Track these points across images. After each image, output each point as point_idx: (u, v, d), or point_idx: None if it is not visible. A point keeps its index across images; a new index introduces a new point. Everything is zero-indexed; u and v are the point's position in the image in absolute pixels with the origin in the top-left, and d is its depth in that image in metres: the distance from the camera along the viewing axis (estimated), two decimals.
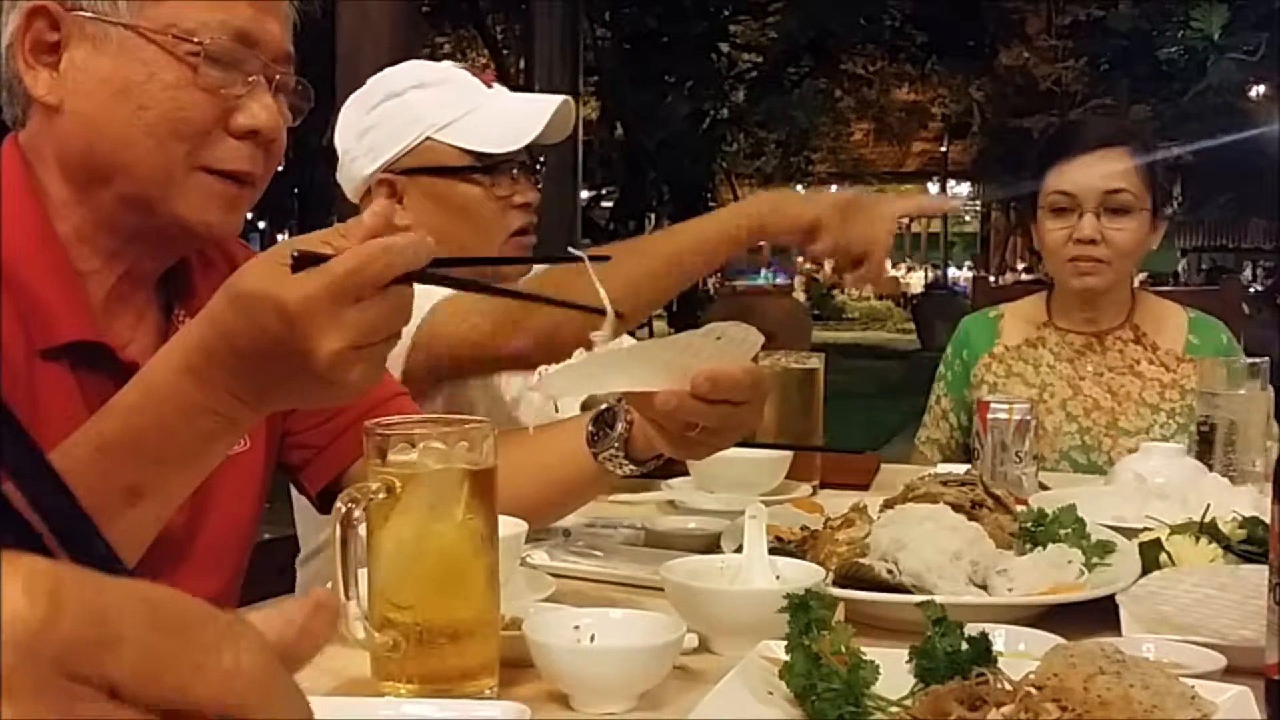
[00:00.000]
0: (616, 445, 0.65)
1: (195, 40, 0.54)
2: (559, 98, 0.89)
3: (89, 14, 0.54)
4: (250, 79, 0.56)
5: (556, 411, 0.83)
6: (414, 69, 0.92)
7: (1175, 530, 0.67)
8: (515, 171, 0.88)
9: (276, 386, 0.46)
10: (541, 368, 0.68)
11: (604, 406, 0.66)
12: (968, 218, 17.37)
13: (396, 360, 0.77)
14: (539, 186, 0.91)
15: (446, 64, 0.94)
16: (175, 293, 0.61)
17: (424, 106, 0.88)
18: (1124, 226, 1.10)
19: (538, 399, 0.75)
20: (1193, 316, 1.15)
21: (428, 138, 0.87)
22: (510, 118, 0.88)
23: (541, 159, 0.92)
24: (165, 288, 0.61)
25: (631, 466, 0.65)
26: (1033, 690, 0.42)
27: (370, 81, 0.92)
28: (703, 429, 0.59)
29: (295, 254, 0.43)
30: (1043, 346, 1.16)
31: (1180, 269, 10.84)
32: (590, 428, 0.66)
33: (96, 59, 0.55)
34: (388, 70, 0.92)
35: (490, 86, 0.91)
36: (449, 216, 0.88)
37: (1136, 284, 1.21)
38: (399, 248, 0.44)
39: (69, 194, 0.57)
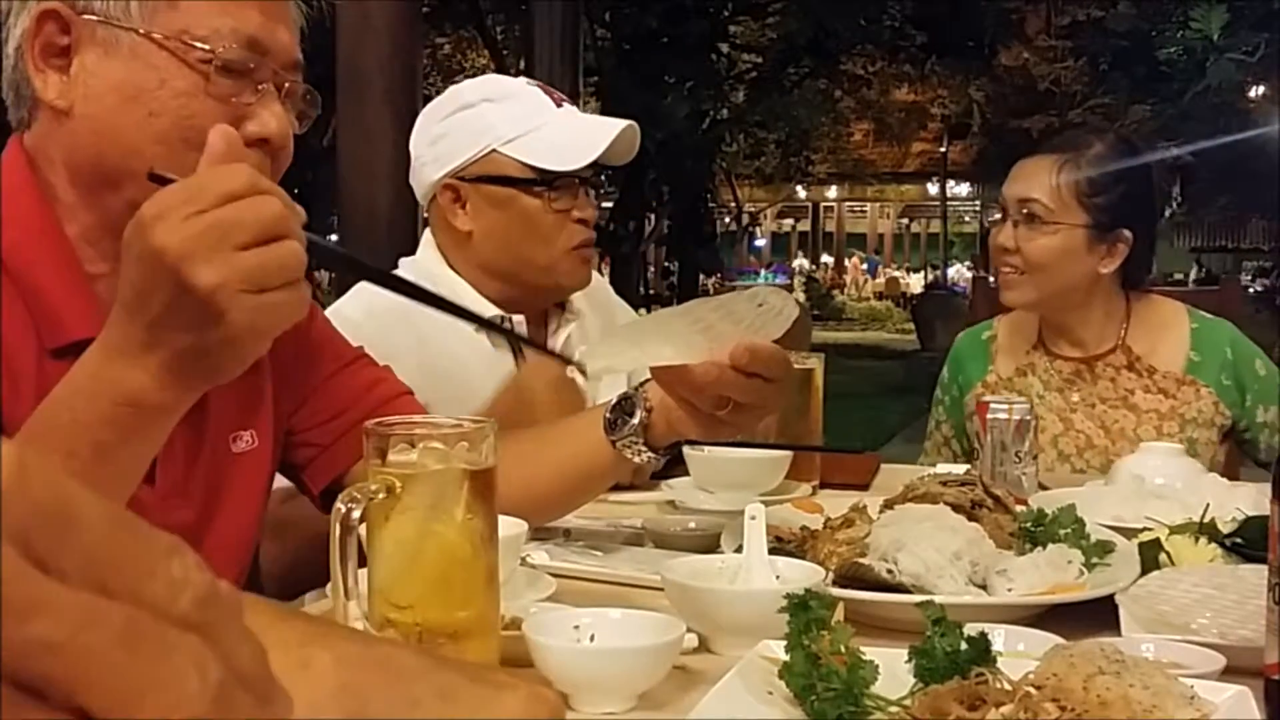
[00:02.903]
0: (636, 432, 0.65)
1: (207, 48, 0.55)
2: (624, 122, 0.91)
3: (100, 19, 0.54)
4: (260, 87, 0.56)
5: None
6: (488, 82, 0.96)
7: (1174, 530, 0.67)
8: (577, 186, 0.90)
9: (166, 334, 0.45)
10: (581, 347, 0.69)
11: (623, 394, 0.67)
12: (967, 217, 17.38)
13: None
14: (598, 202, 0.93)
15: (522, 80, 0.97)
16: None
17: (493, 119, 0.91)
18: (1035, 239, 1.00)
19: (581, 378, 0.76)
20: (1195, 327, 1.05)
21: (494, 149, 0.90)
22: (575, 137, 0.90)
23: (605, 175, 0.95)
24: None
25: (650, 454, 0.66)
26: (1032, 690, 0.43)
27: (447, 91, 0.96)
28: (733, 407, 0.59)
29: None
30: (1032, 374, 1.09)
31: (1194, 271, 10.79)
32: (609, 415, 0.66)
33: (107, 64, 0.55)
34: (465, 82, 0.96)
35: (560, 106, 0.93)
36: (510, 226, 0.90)
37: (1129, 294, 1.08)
38: (250, 170, 0.45)
39: (76, 198, 0.57)
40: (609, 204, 7.84)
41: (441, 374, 0.87)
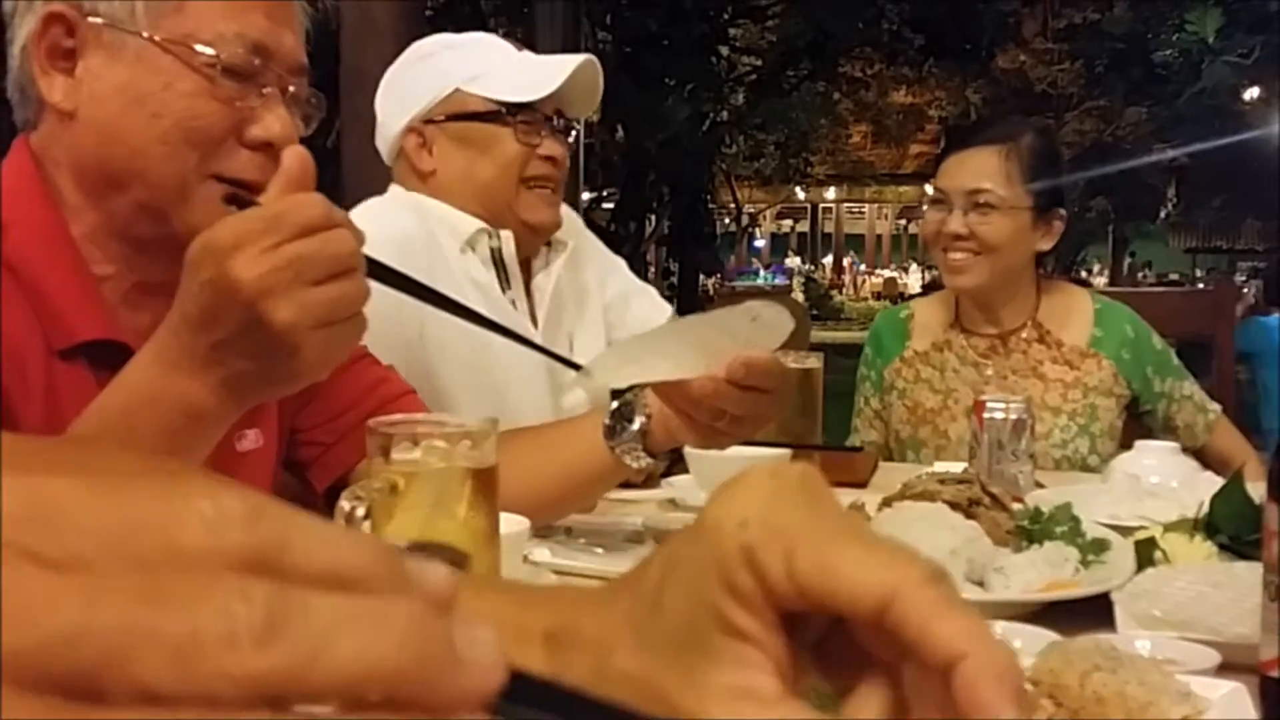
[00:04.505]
0: (635, 438, 0.65)
1: (212, 52, 0.55)
2: (583, 56, 0.91)
3: (106, 22, 0.55)
4: (265, 91, 0.57)
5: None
6: (444, 35, 0.96)
7: (1169, 528, 0.68)
8: (542, 122, 0.90)
9: (231, 357, 0.45)
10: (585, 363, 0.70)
11: (622, 400, 0.67)
12: None
13: None
14: (567, 147, 0.92)
15: (477, 33, 0.98)
16: None
17: (452, 62, 0.91)
18: (989, 222, 1.08)
19: (582, 392, 0.76)
20: (1099, 307, 1.14)
21: (457, 88, 0.90)
22: (534, 71, 0.90)
23: (574, 123, 0.93)
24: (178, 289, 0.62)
25: (649, 459, 0.66)
26: (1029, 687, 0.43)
27: (405, 51, 0.95)
28: (730, 418, 0.60)
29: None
30: (948, 350, 1.15)
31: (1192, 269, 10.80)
32: (608, 421, 0.66)
33: (112, 67, 0.55)
34: (421, 40, 0.96)
35: (519, 51, 0.94)
36: (473, 156, 0.90)
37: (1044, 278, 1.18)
38: (325, 201, 0.45)
39: (81, 199, 0.57)
40: (609, 204, 7.84)
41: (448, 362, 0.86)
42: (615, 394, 0.67)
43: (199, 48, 0.55)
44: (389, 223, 0.88)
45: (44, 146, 0.58)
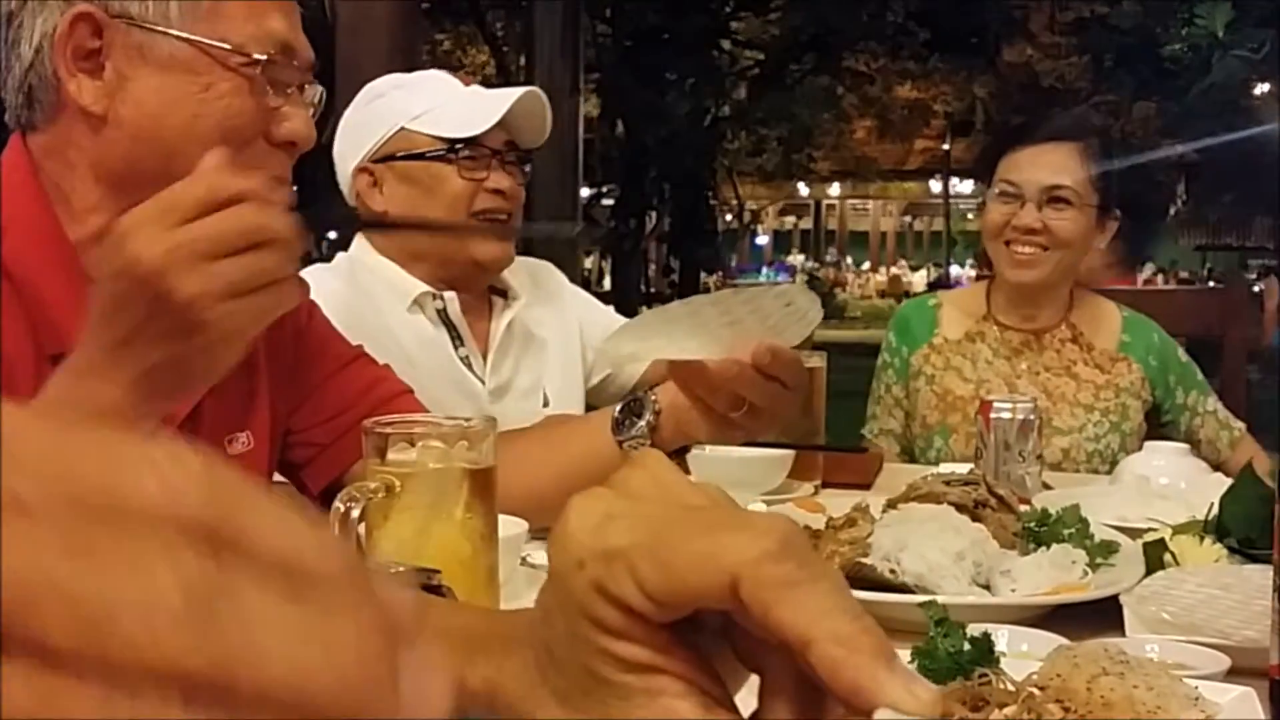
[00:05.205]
0: (643, 433, 0.65)
1: (247, 53, 0.55)
2: (526, 88, 0.92)
3: (138, 23, 0.54)
4: (289, 90, 0.57)
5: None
6: (398, 76, 0.99)
7: (1179, 530, 0.67)
8: (490, 157, 0.91)
9: (141, 348, 0.44)
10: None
11: (632, 396, 0.67)
12: (970, 215, 17.36)
13: None
14: (523, 182, 0.93)
15: (432, 71, 1.00)
16: None
17: (399, 101, 0.94)
18: (1065, 218, 1.08)
19: (603, 363, 0.75)
20: (1126, 316, 1.16)
21: (402, 127, 0.92)
22: (478, 106, 0.92)
23: (526, 155, 0.94)
24: None
25: None
26: (1036, 691, 0.42)
27: (361, 90, 0.98)
28: (747, 409, 0.59)
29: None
30: (981, 341, 1.15)
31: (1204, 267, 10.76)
32: (617, 415, 0.66)
33: (144, 68, 0.55)
34: (377, 79, 0.99)
35: (468, 86, 0.95)
36: (419, 195, 0.92)
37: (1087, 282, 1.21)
38: (229, 174, 0.45)
39: (97, 202, 0.57)
40: (609, 201, 7.84)
41: (381, 353, 0.88)
42: (626, 396, 0.67)
43: (235, 48, 0.55)
44: (315, 288, 0.90)
45: (55, 148, 0.57)
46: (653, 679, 0.20)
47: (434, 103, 0.92)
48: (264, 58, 0.55)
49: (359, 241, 0.97)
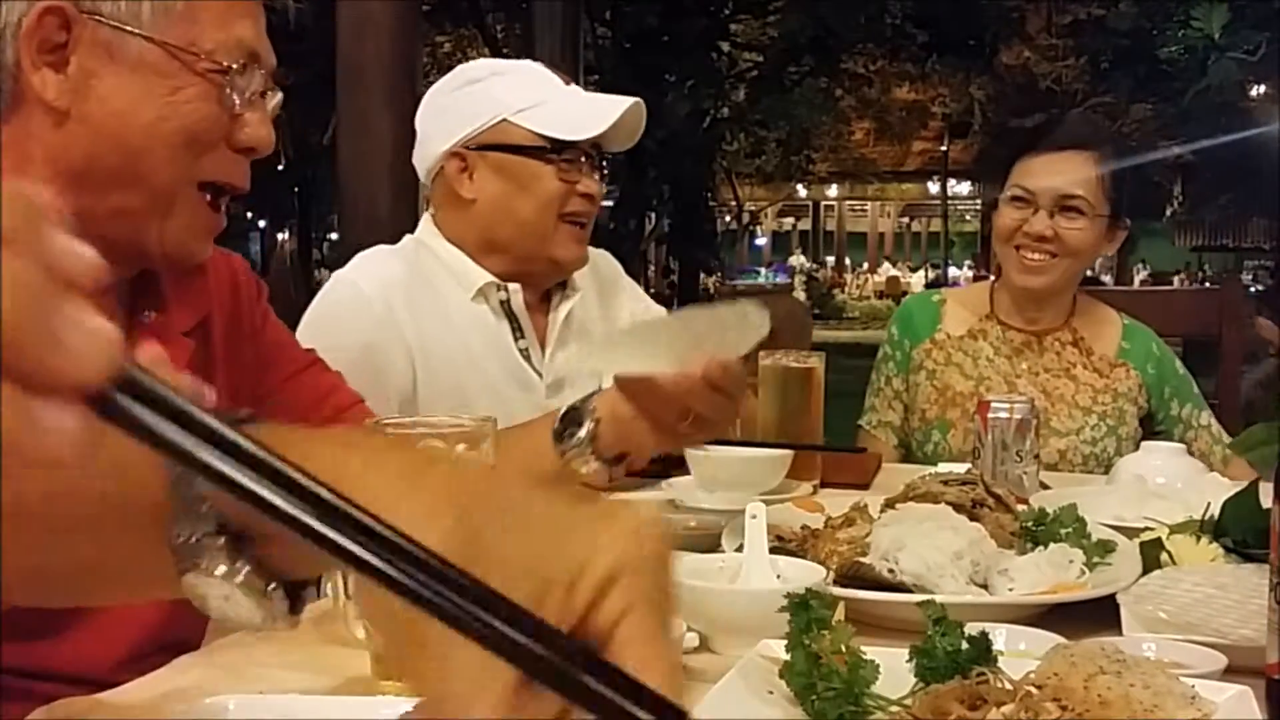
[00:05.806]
0: (583, 443, 0.66)
1: (217, 60, 0.55)
2: (631, 99, 0.93)
3: (109, 22, 0.54)
4: (251, 97, 0.57)
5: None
6: (494, 61, 0.99)
7: (1175, 530, 0.67)
8: (584, 161, 0.92)
9: None
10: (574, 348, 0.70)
11: (571, 405, 0.68)
12: (968, 216, 17.37)
13: None
14: (602, 184, 0.94)
15: (526, 61, 0.99)
16: (141, 292, 0.61)
17: (501, 91, 0.92)
18: (1078, 227, 1.10)
19: (563, 373, 0.76)
20: (1126, 323, 1.17)
21: (504, 119, 0.91)
22: (583, 109, 0.92)
23: (604, 162, 0.95)
24: (131, 288, 0.61)
25: (597, 464, 0.67)
26: (1033, 690, 0.42)
27: (452, 71, 0.97)
28: (694, 419, 0.61)
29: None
30: (983, 339, 1.16)
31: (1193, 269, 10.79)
32: (557, 426, 0.67)
33: (111, 67, 0.54)
34: (469, 62, 0.99)
35: (567, 85, 0.95)
36: (513, 190, 0.91)
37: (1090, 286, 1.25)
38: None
39: (52, 198, 0.56)
40: (609, 202, 7.84)
41: (438, 344, 0.88)
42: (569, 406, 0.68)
43: (204, 54, 0.55)
44: (372, 270, 0.89)
45: (13, 140, 0.56)
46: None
47: (538, 98, 0.91)
48: (234, 65, 0.55)
49: (427, 225, 0.95)
